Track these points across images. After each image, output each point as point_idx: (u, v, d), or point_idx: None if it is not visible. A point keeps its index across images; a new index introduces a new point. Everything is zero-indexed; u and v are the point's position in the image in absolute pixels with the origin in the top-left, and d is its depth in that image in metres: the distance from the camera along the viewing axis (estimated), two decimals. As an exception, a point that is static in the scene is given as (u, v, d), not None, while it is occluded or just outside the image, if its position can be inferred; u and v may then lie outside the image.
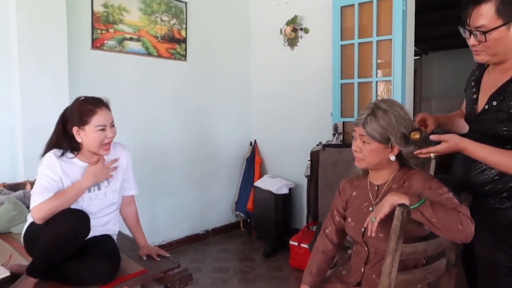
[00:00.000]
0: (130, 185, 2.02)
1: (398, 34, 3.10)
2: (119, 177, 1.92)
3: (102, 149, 1.76)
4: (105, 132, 1.74)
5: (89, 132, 1.72)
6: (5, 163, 2.68)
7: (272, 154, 4.20)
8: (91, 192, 1.81)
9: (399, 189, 1.42)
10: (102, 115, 1.74)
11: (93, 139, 1.73)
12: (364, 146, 1.45)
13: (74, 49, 2.89)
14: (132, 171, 2.02)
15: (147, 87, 3.42)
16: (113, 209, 1.92)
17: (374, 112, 1.42)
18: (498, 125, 1.43)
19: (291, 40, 3.85)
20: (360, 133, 1.44)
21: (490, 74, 1.54)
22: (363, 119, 1.43)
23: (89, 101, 1.76)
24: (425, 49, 7.71)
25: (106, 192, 1.86)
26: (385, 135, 1.40)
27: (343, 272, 1.63)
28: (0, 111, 2.67)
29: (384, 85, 3.33)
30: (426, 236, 1.41)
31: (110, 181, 1.87)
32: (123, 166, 1.94)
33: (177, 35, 3.60)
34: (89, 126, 1.71)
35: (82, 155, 1.81)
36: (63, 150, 1.77)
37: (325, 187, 3.13)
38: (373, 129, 1.41)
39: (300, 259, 3.21)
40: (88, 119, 1.71)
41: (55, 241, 1.56)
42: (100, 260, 1.66)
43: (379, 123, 1.40)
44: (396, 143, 1.41)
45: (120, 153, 1.93)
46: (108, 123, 1.76)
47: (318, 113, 3.70)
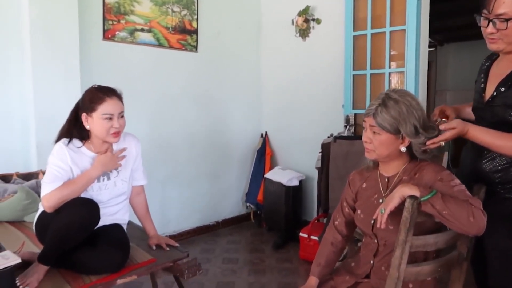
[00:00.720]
0: (140, 175, 2.03)
1: (412, 24, 3.04)
2: (129, 166, 1.93)
3: (110, 137, 1.77)
4: (111, 121, 1.74)
5: (96, 119, 1.73)
6: (18, 152, 2.73)
7: (283, 146, 4.19)
8: (101, 182, 1.82)
9: (410, 181, 1.40)
10: (111, 104, 1.74)
11: (99, 127, 1.74)
12: (374, 137, 1.42)
13: (86, 40, 2.91)
14: (141, 162, 2.03)
15: (158, 78, 3.42)
16: (122, 198, 1.93)
17: (385, 102, 1.39)
18: (506, 111, 1.42)
19: (303, 31, 3.81)
20: (371, 123, 1.42)
21: (498, 65, 1.54)
22: (373, 109, 1.40)
23: (101, 89, 1.78)
24: (441, 40, 7.56)
25: (116, 182, 1.87)
26: (396, 126, 1.38)
27: (352, 264, 1.62)
28: (13, 102, 2.71)
29: (397, 77, 3.28)
30: (437, 229, 1.38)
31: (119, 170, 1.88)
32: (133, 156, 1.95)
33: (188, 26, 3.59)
34: (97, 113, 1.72)
35: (91, 144, 1.82)
36: (72, 139, 1.78)
37: (336, 179, 3.11)
38: (383, 119, 1.38)
39: (310, 251, 3.20)
40: (96, 106, 1.72)
41: (65, 230, 1.57)
42: (109, 249, 1.68)
43: (390, 113, 1.37)
44: (406, 135, 1.38)
45: (130, 142, 1.94)
46: (116, 113, 1.76)
47: (330, 105, 3.66)
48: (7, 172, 2.58)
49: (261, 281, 2.88)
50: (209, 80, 3.81)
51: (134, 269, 1.72)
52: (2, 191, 2.37)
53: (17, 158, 2.72)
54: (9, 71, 2.68)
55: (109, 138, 1.77)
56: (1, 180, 2.49)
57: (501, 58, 1.53)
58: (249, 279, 2.92)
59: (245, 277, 2.95)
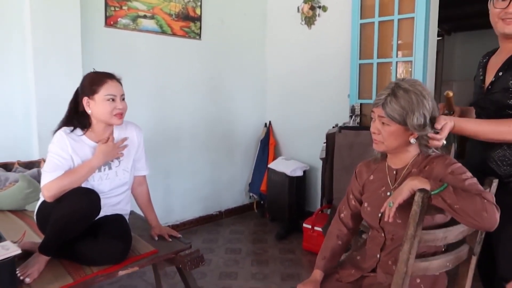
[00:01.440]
0: (142, 165, 2.00)
1: (421, 12, 2.97)
2: (131, 156, 1.90)
3: (114, 118, 1.75)
4: (114, 102, 1.73)
5: (99, 101, 1.72)
6: (20, 141, 2.70)
7: (287, 136, 4.15)
8: (102, 172, 1.79)
9: (419, 174, 1.35)
10: (112, 86, 1.74)
11: (102, 109, 1.72)
12: (383, 128, 1.37)
13: (88, 27, 2.86)
14: (144, 151, 2.00)
15: (160, 65, 3.37)
16: (124, 189, 1.90)
17: (394, 91, 1.34)
18: (505, 95, 1.44)
19: (309, 19, 3.74)
20: (379, 114, 1.37)
21: (497, 56, 1.59)
22: (382, 99, 1.35)
23: (101, 73, 1.79)
24: (448, 29, 7.45)
25: (117, 172, 1.84)
26: (404, 118, 1.33)
27: (357, 257, 1.58)
28: (14, 89, 2.67)
29: (404, 66, 3.22)
30: (446, 223, 1.35)
31: (121, 160, 1.85)
32: (135, 145, 1.92)
33: (191, 13, 3.53)
34: (99, 95, 1.71)
35: (92, 132, 1.79)
36: (72, 127, 1.76)
37: (341, 170, 3.07)
38: (393, 109, 1.33)
39: (313, 242, 3.18)
40: (98, 88, 1.71)
41: (65, 220, 1.55)
42: (111, 240, 1.65)
43: (400, 103, 1.32)
44: (411, 126, 1.32)
45: (132, 131, 1.91)
46: (118, 95, 1.76)
47: (335, 94, 3.61)
48: (8, 161, 2.56)
49: (264, 272, 2.87)
50: (212, 69, 3.76)
51: (136, 260, 1.70)
52: (4, 179, 2.35)
53: (18, 147, 2.69)
54: (10, 58, 2.64)
55: (113, 119, 1.75)
56: (3, 169, 2.47)
57: (499, 51, 1.58)
58: (252, 269, 2.91)
59: (248, 267, 2.94)
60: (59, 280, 1.52)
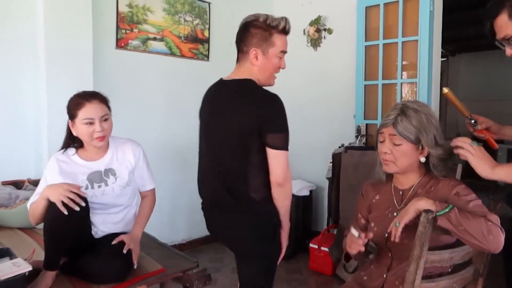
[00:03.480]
0: (145, 181, 1.98)
1: (425, 35, 3.03)
2: (125, 173, 1.86)
3: (95, 141, 1.74)
4: (93, 126, 1.71)
5: (78, 125, 1.72)
6: (31, 159, 2.75)
7: (293, 156, 4.12)
8: (95, 189, 1.79)
9: (425, 195, 1.37)
10: (90, 109, 1.71)
11: (82, 132, 1.73)
12: (394, 148, 1.40)
13: (99, 49, 2.94)
14: (145, 167, 1.96)
15: (169, 86, 3.44)
16: (124, 205, 1.88)
17: (404, 111, 1.38)
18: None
19: (315, 41, 3.81)
20: (391, 133, 1.39)
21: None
22: (392, 119, 1.38)
23: (80, 95, 1.76)
24: (452, 50, 7.52)
25: (114, 188, 1.83)
26: (417, 135, 1.36)
27: (364, 277, 1.59)
28: (27, 109, 2.74)
29: (409, 87, 3.26)
30: (452, 244, 1.36)
31: (117, 177, 1.84)
32: (131, 163, 1.89)
33: (200, 35, 3.61)
34: (78, 119, 1.71)
35: (84, 151, 1.82)
36: (65, 148, 1.81)
37: (347, 189, 3.08)
38: (405, 128, 1.36)
39: (320, 262, 3.17)
40: (76, 112, 1.71)
41: (52, 228, 1.57)
42: (111, 258, 1.64)
43: (411, 122, 1.36)
44: (426, 144, 1.36)
45: (127, 149, 1.89)
46: (97, 117, 1.72)
47: (341, 115, 3.64)
48: (19, 179, 2.60)
49: (270, 292, 2.85)
50: (220, 89, 3.81)
51: (143, 278, 1.70)
52: (14, 197, 2.38)
53: (29, 165, 2.74)
54: (24, 78, 2.72)
55: (94, 142, 1.74)
56: (13, 187, 2.51)
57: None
58: (258, 289, 2.89)
59: (254, 287, 2.92)
60: (67, 298, 1.54)
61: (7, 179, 2.56)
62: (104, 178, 1.81)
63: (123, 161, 1.87)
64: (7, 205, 2.32)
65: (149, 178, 2.00)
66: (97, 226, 1.83)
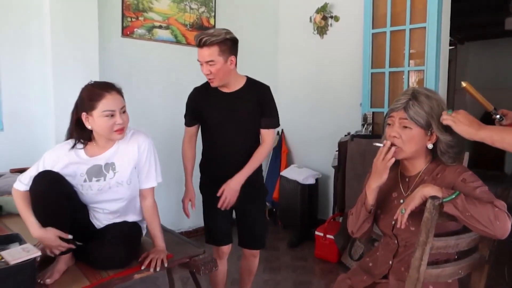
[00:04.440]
0: (147, 177, 1.83)
1: (433, 22, 2.99)
2: (125, 168, 1.75)
3: (114, 134, 1.66)
4: (114, 118, 1.62)
5: (97, 118, 1.61)
6: (39, 147, 2.77)
7: (299, 144, 4.17)
8: (93, 182, 1.72)
9: (431, 181, 1.37)
10: (111, 100, 1.62)
11: (101, 125, 1.62)
12: (403, 131, 1.39)
13: (105, 37, 2.94)
14: (151, 162, 1.83)
15: (175, 74, 3.44)
16: (121, 200, 1.80)
17: (415, 96, 1.37)
18: None
19: (321, 28, 3.78)
20: (401, 116, 1.38)
21: None
22: (404, 103, 1.38)
23: (98, 85, 1.67)
24: (461, 38, 7.42)
25: (110, 184, 1.74)
26: (428, 121, 1.35)
27: (369, 264, 1.60)
28: (34, 99, 2.76)
29: (416, 75, 3.24)
30: (459, 231, 1.36)
31: (116, 172, 1.74)
32: (134, 158, 1.77)
33: (205, 23, 3.60)
34: (97, 111, 1.60)
35: (93, 145, 1.73)
36: (74, 141, 1.71)
37: (353, 178, 3.08)
38: (416, 112, 1.36)
39: (325, 250, 3.19)
40: (96, 103, 1.60)
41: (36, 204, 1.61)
42: (111, 244, 1.62)
43: (423, 107, 1.35)
44: (436, 130, 1.35)
45: (132, 142, 1.77)
46: (118, 109, 1.64)
47: (347, 103, 3.63)
48: (27, 166, 2.62)
49: (276, 279, 2.88)
50: (226, 77, 3.81)
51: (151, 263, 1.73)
52: (23, 185, 2.41)
53: (36, 154, 2.75)
54: (31, 69, 2.74)
55: (114, 135, 1.66)
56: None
57: None
58: (264, 276, 2.92)
59: (260, 274, 2.94)
60: (76, 283, 1.55)
61: (16, 167, 2.59)
62: (103, 172, 1.72)
63: (126, 155, 1.75)
64: (16, 192, 2.35)
65: (151, 175, 1.84)
66: (97, 218, 1.81)
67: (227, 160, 2.14)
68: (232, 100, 2.12)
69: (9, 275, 1.36)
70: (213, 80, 2.06)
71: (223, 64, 2.01)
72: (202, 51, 2.00)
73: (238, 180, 2.08)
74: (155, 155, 1.85)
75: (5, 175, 2.51)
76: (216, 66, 2.00)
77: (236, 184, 2.07)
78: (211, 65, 2.00)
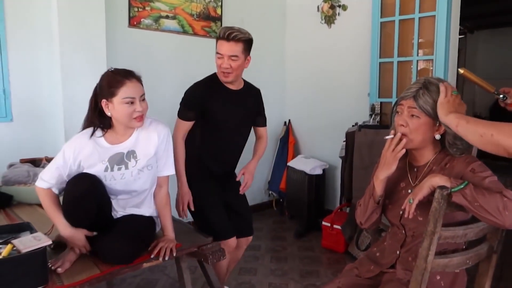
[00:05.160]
0: (165, 165, 1.86)
1: (443, 10, 2.95)
2: (146, 157, 1.77)
3: (133, 122, 1.66)
4: (133, 105, 1.63)
5: (117, 105, 1.62)
6: (48, 137, 2.80)
7: (307, 134, 4.16)
8: (115, 171, 1.72)
9: (440, 171, 1.36)
10: (131, 87, 1.63)
11: (121, 112, 1.63)
12: (411, 120, 1.38)
13: (112, 27, 2.94)
14: (169, 150, 1.86)
15: (182, 65, 3.43)
16: (143, 188, 1.82)
17: (426, 85, 1.36)
18: None
19: (329, 18, 3.75)
20: (410, 105, 1.37)
21: None
22: (413, 92, 1.37)
23: (119, 72, 1.67)
24: (470, 27, 7.32)
25: (133, 172, 1.75)
26: (436, 110, 1.34)
27: (377, 253, 1.60)
28: (43, 89, 2.79)
29: (425, 65, 3.20)
30: (467, 221, 1.35)
31: (137, 160, 1.75)
32: (154, 145, 1.78)
33: (212, 13, 3.58)
34: (117, 98, 1.61)
35: (113, 133, 1.72)
36: (93, 129, 1.70)
37: (360, 168, 3.07)
38: (426, 102, 1.35)
39: (332, 240, 3.20)
40: (116, 90, 1.60)
41: (69, 205, 1.62)
42: (118, 239, 1.62)
43: (433, 97, 1.34)
44: None
45: (152, 130, 1.79)
46: (138, 96, 1.64)
47: (355, 93, 3.61)
48: (36, 157, 2.65)
49: (283, 268, 2.90)
50: (233, 68, 3.79)
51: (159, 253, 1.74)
52: (32, 175, 2.43)
53: (46, 143, 2.79)
54: (39, 59, 2.76)
55: (133, 123, 1.67)
56: (31, 164, 2.56)
57: None
58: (271, 266, 2.94)
59: (267, 264, 2.97)
60: (87, 271, 1.58)
61: (25, 157, 2.61)
62: (125, 160, 1.73)
63: (146, 143, 1.77)
64: (26, 182, 2.37)
65: (169, 164, 1.87)
66: (116, 209, 1.80)
67: (227, 156, 2.26)
68: (239, 97, 2.20)
69: (21, 263, 1.38)
70: (229, 75, 2.10)
71: (243, 61, 2.10)
72: (229, 45, 2.03)
73: (254, 166, 2.31)
74: (172, 146, 1.89)
75: (16, 165, 2.54)
76: (238, 62, 2.07)
77: (254, 169, 2.30)
78: (234, 60, 2.05)
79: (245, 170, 2.27)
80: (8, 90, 2.69)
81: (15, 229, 1.66)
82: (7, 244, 1.45)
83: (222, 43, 2.04)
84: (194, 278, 2.66)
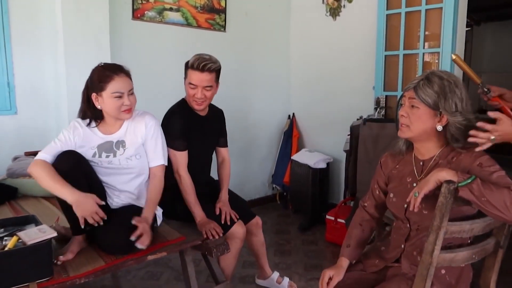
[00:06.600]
0: (154, 155, 1.88)
1: (450, 2, 2.91)
2: (134, 146, 1.83)
3: (122, 114, 1.76)
4: (122, 99, 1.71)
5: (106, 99, 1.71)
6: (52, 130, 2.80)
7: (311, 128, 4.14)
8: (102, 158, 1.78)
9: (446, 165, 1.35)
10: (120, 82, 1.71)
11: (110, 105, 1.72)
12: (411, 111, 1.38)
13: (116, 20, 2.92)
14: (158, 140, 1.88)
15: (186, 57, 3.39)
16: (132, 175, 1.84)
17: (429, 77, 1.36)
18: None
19: (334, 10, 3.72)
20: (410, 96, 1.38)
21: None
22: (415, 83, 1.37)
23: (108, 67, 1.75)
24: (477, 20, 7.23)
25: (120, 160, 1.80)
26: (436, 101, 1.33)
27: (381, 248, 1.59)
28: (47, 81, 2.79)
29: (431, 58, 3.17)
30: (473, 215, 1.34)
31: (126, 149, 1.82)
32: (141, 135, 1.84)
33: (216, 5, 3.55)
34: (106, 92, 1.70)
35: (104, 124, 1.82)
36: (88, 120, 1.80)
37: (365, 162, 3.06)
38: (425, 92, 1.34)
39: (336, 233, 3.19)
40: (105, 85, 1.69)
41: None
42: (117, 229, 1.65)
43: (432, 88, 1.34)
44: (443, 110, 1.32)
45: (140, 121, 1.85)
46: (126, 91, 1.72)
47: (360, 86, 3.58)
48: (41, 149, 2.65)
49: (287, 262, 2.90)
50: (237, 60, 3.78)
51: (164, 246, 1.75)
52: (37, 167, 2.44)
53: (50, 136, 2.78)
54: (43, 52, 2.76)
55: (122, 115, 1.76)
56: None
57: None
58: (275, 259, 2.94)
59: (271, 257, 2.97)
60: (92, 263, 1.59)
61: (30, 150, 2.62)
62: (114, 149, 1.81)
63: (134, 132, 1.84)
64: (31, 174, 2.38)
65: (158, 153, 1.89)
66: (111, 197, 1.84)
67: (200, 175, 2.26)
68: (208, 122, 2.26)
69: (26, 255, 1.39)
70: (202, 103, 2.12)
71: (216, 89, 2.14)
72: (203, 75, 2.05)
73: (226, 196, 2.30)
74: (162, 136, 1.93)
75: (20, 157, 2.55)
76: (212, 91, 2.11)
77: (227, 199, 2.28)
78: (208, 90, 2.08)
79: (220, 205, 2.17)
80: (13, 83, 2.69)
81: (20, 222, 1.67)
82: (12, 236, 1.46)
83: (195, 73, 2.05)
84: (198, 271, 2.66)
